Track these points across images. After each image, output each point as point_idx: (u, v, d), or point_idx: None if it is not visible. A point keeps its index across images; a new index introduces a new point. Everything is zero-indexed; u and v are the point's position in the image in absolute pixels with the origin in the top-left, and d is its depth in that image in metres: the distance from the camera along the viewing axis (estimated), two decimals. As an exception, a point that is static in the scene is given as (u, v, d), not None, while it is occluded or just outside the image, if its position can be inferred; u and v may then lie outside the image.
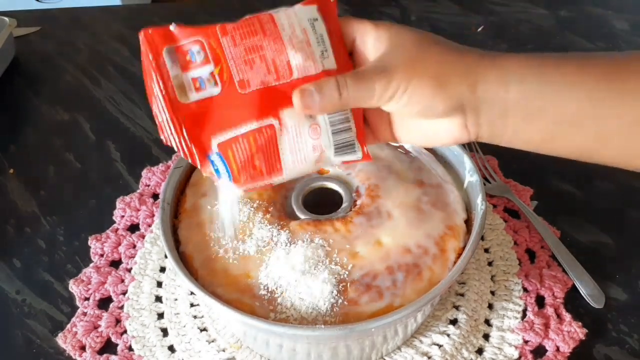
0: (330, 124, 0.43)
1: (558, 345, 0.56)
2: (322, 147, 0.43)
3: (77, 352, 0.56)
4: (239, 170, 0.42)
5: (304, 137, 0.43)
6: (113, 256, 0.65)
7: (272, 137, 0.42)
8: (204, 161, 0.42)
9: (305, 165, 0.44)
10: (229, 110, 0.41)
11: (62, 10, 1.12)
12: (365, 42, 0.43)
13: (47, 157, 0.78)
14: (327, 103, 0.41)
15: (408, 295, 0.49)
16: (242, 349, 0.56)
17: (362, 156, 0.45)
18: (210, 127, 0.41)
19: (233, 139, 0.41)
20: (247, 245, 0.52)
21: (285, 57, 0.41)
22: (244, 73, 0.41)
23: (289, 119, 0.42)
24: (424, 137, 0.45)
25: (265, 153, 0.42)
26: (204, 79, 0.41)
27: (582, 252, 0.62)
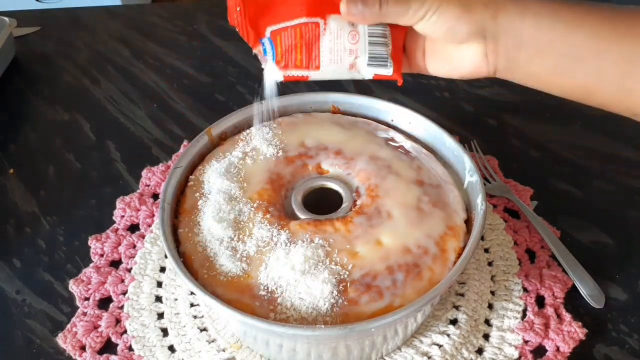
0: (368, 34, 0.50)
1: (558, 345, 0.56)
2: (358, 52, 0.50)
3: (77, 352, 0.56)
4: (282, 54, 0.50)
5: (343, 39, 0.49)
6: (113, 256, 0.65)
7: (315, 33, 0.49)
8: (256, 42, 0.50)
9: (340, 66, 0.50)
10: (285, 7, 0.49)
11: (62, 10, 1.12)
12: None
13: (47, 157, 0.78)
14: (368, 13, 0.48)
15: (408, 295, 0.49)
16: (242, 349, 0.56)
17: (393, 72, 0.51)
18: (267, 18, 0.49)
19: (283, 28, 0.49)
20: (247, 246, 0.52)
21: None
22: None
23: (333, 21, 0.49)
24: (449, 66, 0.51)
25: (307, 45, 0.49)
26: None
27: (582, 252, 0.62)
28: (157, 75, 0.90)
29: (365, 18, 0.48)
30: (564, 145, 0.76)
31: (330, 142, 0.60)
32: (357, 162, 0.59)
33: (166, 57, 0.94)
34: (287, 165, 0.59)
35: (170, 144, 0.79)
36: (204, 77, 0.90)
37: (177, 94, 0.87)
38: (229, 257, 0.51)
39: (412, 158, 0.59)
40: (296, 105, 0.66)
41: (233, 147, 0.61)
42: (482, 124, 0.79)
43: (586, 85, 0.48)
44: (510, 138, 0.78)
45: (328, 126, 0.62)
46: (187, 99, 0.86)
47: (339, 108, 0.66)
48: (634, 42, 0.45)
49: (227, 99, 0.86)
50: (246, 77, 0.89)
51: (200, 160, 0.61)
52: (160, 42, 0.97)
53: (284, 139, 0.61)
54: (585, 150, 0.75)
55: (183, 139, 0.79)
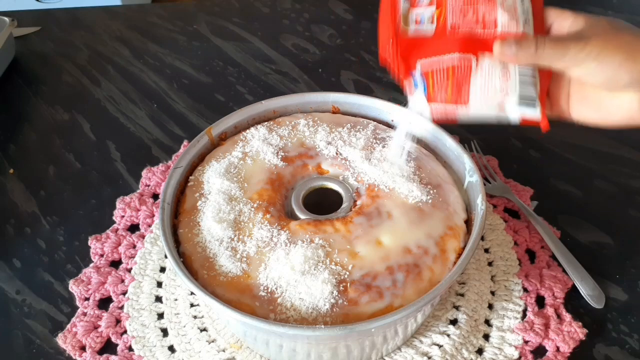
0: (519, 73, 0.48)
1: (558, 345, 0.56)
2: (508, 90, 0.49)
3: (77, 352, 0.56)
4: (434, 88, 0.49)
5: (495, 77, 0.48)
6: (113, 256, 0.65)
7: (467, 70, 0.49)
8: (407, 76, 0.50)
9: (489, 104, 0.49)
10: (437, 44, 0.50)
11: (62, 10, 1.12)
12: (562, 25, 0.48)
13: (47, 157, 0.78)
14: (522, 55, 0.46)
15: (408, 296, 0.49)
16: (242, 349, 0.56)
17: (541, 116, 0.49)
18: (418, 52, 0.50)
19: (435, 63, 0.49)
20: (247, 246, 0.52)
21: (495, 14, 0.49)
22: (457, 19, 0.49)
23: (485, 60, 0.48)
24: (599, 113, 0.49)
25: (458, 80, 0.49)
26: (425, 17, 0.50)
27: (582, 252, 0.62)
28: (157, 75, 0.90)
29: (519, 59, 0.47)
30: (564, 145, 0.76)
31: (330, 142, 0.60)
32: (357, 162, 0.59)
33: (166, 57, 0.94)
34: (287, 165, 0.59)
35: (170, 144, 0.79)
36: (204, 77, 0.90)
37: (177, 94, 0.87)
38: (229, 257, 0.51)
39: (412, 158, 0.59)
40: (296, 105, 0.66)
41: (233, 147, 0.61)
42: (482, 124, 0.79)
43: None
44: (510, 138, 0.78)
45: (328, 126, 0.62)
46: (187, 99, 0.86)
47: (339, 108, 0.66)
48: None
49: (227, 99, 0.86)
50: (246, 77, 0.89)
51: (200, 160, 0.61)
52: (160, 42, 0.97)
53: (284, 139, 0.61)
54: (585, 150, 0.76)
55: (183, 139, 0.79)
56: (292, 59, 0.93)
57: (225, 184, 0.56)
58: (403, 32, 0.50)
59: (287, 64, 0.92)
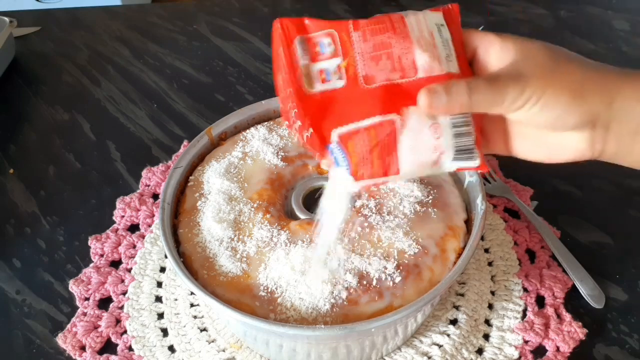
0: (452, 125, 0.42)
1: (558, 345, 0.56)
2: (443, 148, 0.42)
3: (77, 352, 0.56)
4: (358, 162, 0.42)
5: (425, 136, 0.42)
6: (113, 256, 0.65)
7: (392, 133, 0.41)
8: (323, 150, 0.42)
9: (422, 166, 0.43)
10: (351, 104, 0.42)
11: (62, 10, 1.12)
12: (488, 52, 0.42)
13: (47, 157, 0.78)
14: (454, 104, 0.40)
15: (408, 295, 0.49)
16: (242, 349, 0.56)
17: (480, 164, 0.44)
18: (332, 119, 0.42)
19: (354, 132, 0.41)
20: (247, 246, 0.52)
21: (412, 56, 0.42)
22: (370, 68, 0.42)
23: (410, 116, 0.42)
24: (543, 152, 0.45)
25: (384, 148, 0.41)
26: (330, 72, 0.42)
27: (582, 252, 0.62)
28: (157, 75, 0.90)
29: (451, 109, 0.41)
30: (564, 145, 0.76)
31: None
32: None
33: (166, 57, 0.94)
34: (287, 165, 0.59)
35: (170, 144, 0.79)
36: (204, 77, 0.90)
37: (177, 94, 0.87)
38: (229, 257, 0.51)
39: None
40: (296, 105, 0.66)
41: (233, 147, 0.61)
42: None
43: None
44: (510, 138, 0.78)
45: (328, 126, 0.62)
46: (187, 99, 0.86)
47: (339, 108, 0.66)
48: None
49: (227, 99, 0.86)
50: (246, 77, 0.89)
51: (200, 160, 0.61)
52: (160, 42, 0.97)
53: (284, 139, 0.61)
54: (585, 150, 0.75)
55: (183, 139, 0.79)
56: (292, 59, 0.93)
57: (225, 184, 0.56)
58: (308, 96, 0.42)
59: (287, 64, 0.91)
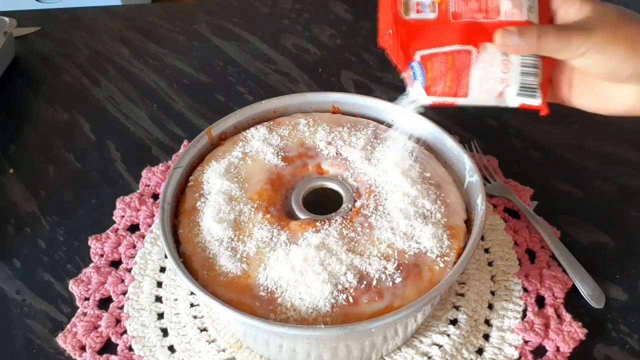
0: (521, 64, 0.48)
1: (558, 345, 0.56)
2: (509, 81, 0.48)
3: (77, 352, 0.56)
4: (433, 79, 0.48)
5: (495, 68, 0.48)
6: (113, 256, 0.65)
7: (467, 61, 0.48)
8: (405, 66, 0.49)
9: (489, 94, 0.49)
10: (437, 33, 0.48)
11: (62, 10, 1.12)
12: (568, 12, 0.47)
13: (47, 157, 0.78)
14: (524, 45, 0.45)
15: (408, 295, 0.49)
16: (242, 349, 0.56)
17: (541, 103, 0.49)
18: (418, 42, 0.48)
19: (435, 54, 0.48)
20: (247, 246, 0.52)
21: (498, 1, 0.48)
22: (459, 7, 0.48)
23: (485, 50, 0.47)
24: (600, 102, 0.49)
25: (458, 71, 0.48)
26: (425, 5, 0.49)
27: (582, 252, 0.62)
28: (157, 75, 0.90)
29: (521, 49, 0.46)
30: (564, 145, 0.76)
31: (330, 142, 0.60)
32: (357, 162, 0.59)
33: (166, 57, 0.94)
34: (287, 165, 0.59)
35: (170, 144, 0.79)
36: (204, 77, 0.90)
37: (177, 94, 0.87)
38: (229, 257, 0.51)
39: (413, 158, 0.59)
40: (296, 105, 0.66)
41: (233, 147, 0.61)
42: (482, 124, 0.79)
43: None
44: (510, 138, 0.78)
45: (328, 126, 0.62)
46: (187, 99, 0.86)
47: (339, 108, 0.66)
48: None
49: (227, 99, 0.86)
50: (246, 77, 0.89)
51: (200, 160, 0.61)
52: (160, 42, 0.97)
53: (284, 139, 0.61)
54: (585, 150, 0.76)
55: (183, 139, 0.79)
56: (292, 59, 0.93)
57: (225, 184, 0.56)
58: (403, 20, 0.49)
59: (287, 64, 0.92)
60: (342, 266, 0.49)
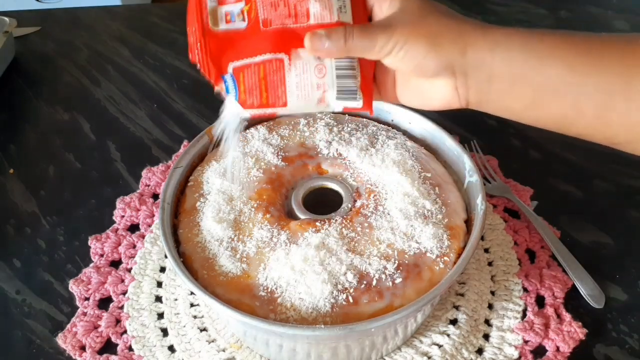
0: (335, 67, 0.47)
1: (558, 345, 0.56)
2: (325, 86, 0.48)
3: (77, 352, 0.56)
4: (246, 91, 0.47)
5: (310, 74, 0.47)
6: (113, 256, 0.65)
7: (280, 69, 0.47)
8: (218, 79, 0.48)
9: (308, 101, 0.48)
10: (249, 43, 0.47)
11: (62, 10, 1.12)
12: (381, 7, 0.47)
13: (47, 157, 0.78)
14: (333, 48, 0.45)
15: (408, 295, 0.49)
16: (242, 349, 0.56)
17: (363, 104, 0.49)
18: (230, 53, 0.47)
19: (246, 65, 0.47)
20: (247, 246, 0.52)
21: (306, 4, 0.46)
22: (268, 13, 0.47)
23: (298, 56, 0.47)
24: (420, 98, 0.50)
25: (272, 82, 0.47)
26: (234, 14, 0.47)
27: (582, 252, 0.62)
28: (157, 75, 0.90)
29: (330, 52, 0.46)
30: (564, 145, 0.76)
31: (330, 142, 0.60)
32: (357, 162, 0.59)
33: (166, 57, 0.94)
34: (287, 165, 0.59)
35: (170, 144, 0.79)
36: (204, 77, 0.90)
37: (177, 94, 0.87)
38: (229, 257, 0.51)
39: (412, 158, 0.59)
40: (296, 105, 0.66)
41: (233, 147, 0.61)
42: (482, 124, 0.79)
43: (562, 117, 0.46)
44: (510, 138, 0.78)
45: (328, 126, 0.62)
46: (187, 99, 0.86)
47: (339, 108, 0.66)
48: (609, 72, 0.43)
49: (227, 99, 0.86)
50: (246, 77, 0.89)
51: (200, 160, 0.61)
52: (160, 42, 0.97)
53: (284, 139, 0.61)
54: (585, 150, 0.75)
55: (183, 139, 0.79)
56: (292, 59, 0.93)
57: (225, 184, 0.56)
58: (212, 32, 0.47)
59: (287, 64, 0.92)
60: (342, 266, 0.49)
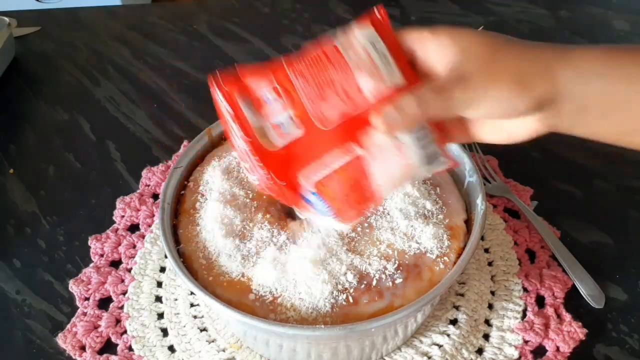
0: (413, 139, 0.43)
1: (558, 345, 0.56)
2: (412, 162, 0.43)
3: (77, 352, 0.56)
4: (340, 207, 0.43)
5: (393, 157, 0.42)
6: (113, 256, 0.65)
7: (362, 167, 0.42)
8: (298, 200, 0.43)
9: (400, 183, 0.44)
10: (314, 147, 0.42)
11: (62, 10, 1.12)
12: (426, 52, 0.43)
13: (47, 157, 0.78)
14: (408, 120, 0.41)
15: (408, 295, 0.49)
16: (242, 349, 0.56)
17: (449, 164, 0.45)
18: (298, 165, 0.43)
19: (326, 177, 0.42)
20: (247, 246, 0.52)
21: (356, 84, 0.42)
22: (320, 110, 0.42)
23: (373, 145, 0.42)
24: (500, 135, 0.45)
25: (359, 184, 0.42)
26: (284, 124, 0.42)
27: (582, 252, 0.62)
28: (157, 75, 0.90)
29: (406, 125, 0.41)
30: (564, 145, 0.76)
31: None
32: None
33: (166, 57, 0.94)
34: (287, 165, 0.59)
35: (170, 144, 0.79)
36: (204, 77, 0.90)
37: (177, 94, 0.87)
38: (229, 257, 0.51)
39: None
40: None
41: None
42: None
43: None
44: (510, 138, 0.78)
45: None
46: (187, 99, 0.86)
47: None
48: None
49: (227, 99, 0.86)
50: (246, 77, 0.89)
51: (200, 160, 0.61)
52: (160, 42, 0.97)
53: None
54: (585, 150, 0.75)
55: (183, 139, 0.79)
56: (292, 59, 0.93)
57: (225, 184, 0.56)
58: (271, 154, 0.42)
59: (287, 64, 0.91)
60: (342, 266, 0.49)
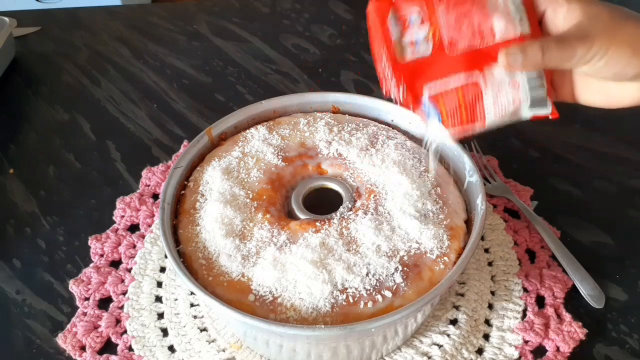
0: (527, 80, 0.48)
1: (558, 345, 0.56)
2: (520, 99, 0.48)
3: (77, 352, 0.56)
4: (447, 114, 0.49)
5: (505, 89, 0.48)
6: (113, 256, 0.65)
7: (476, 89, 0.48)
8: (416, 105, 0.49)
9: (504, 115, 0.49)
10: (438, 67, 0.48)
11: (62, 10, 1.12)
12: (556, 13, 0.47)
13: (47, 157, 0.78)
14: (529, 63, 0.46)
15: (408, 295, 0.49)
16: (242, 349, 0.56)
17: (551, 111, 0.50)
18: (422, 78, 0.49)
19: (442, 86, 0.48)
20: (247, 246, 0.52)
21: (490, 21, 0.47)
22: (453, 34, 0.48)
23: (491, 75, 0.48)
24: (605, 98, 0.50)
25: (470, 101, 0.48)
26: (419, 41, 0.49)
27: (582, 252, 0.62)
28: (157, 75, 0.90)
29: (526, 67, 0.47)
30: (564, 145, 0.76)
31: (330, 142, 0.60)
32: (357, 162, 0.59)
33: (166, 57, 0.94)
34: (287, 165, 0.59)
35: (170, 144, 0.79)
36: (204, 77, 0.90)
37: (177, 94, 0.87)
38: (229, 257, 0.51)
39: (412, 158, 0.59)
40: (296, 105, 0.66)
41: (233, 147, 0.61)
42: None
43: None
44: (510, 138, 0.78)
45: (328, 126, 0.62)
46: (187, 99, 0.86)
47: (339, 108, 0.66)
48: None
49: (227, 99, 0.86)
50: (246, 77, 0.89)
51: (200, 160, 0.61)
52: (160, 42, 0.97)
53: (284, 139, 0.61)
54: (585, 150, 0.76)
55: (183, 139, 0.79)
56: (292, 59, 0.93)
57: (225, 184, 0.56)
58: (402, 66, 0.49)
59: (287, 64, 0.92)
60: (342, 266, 0.49)
